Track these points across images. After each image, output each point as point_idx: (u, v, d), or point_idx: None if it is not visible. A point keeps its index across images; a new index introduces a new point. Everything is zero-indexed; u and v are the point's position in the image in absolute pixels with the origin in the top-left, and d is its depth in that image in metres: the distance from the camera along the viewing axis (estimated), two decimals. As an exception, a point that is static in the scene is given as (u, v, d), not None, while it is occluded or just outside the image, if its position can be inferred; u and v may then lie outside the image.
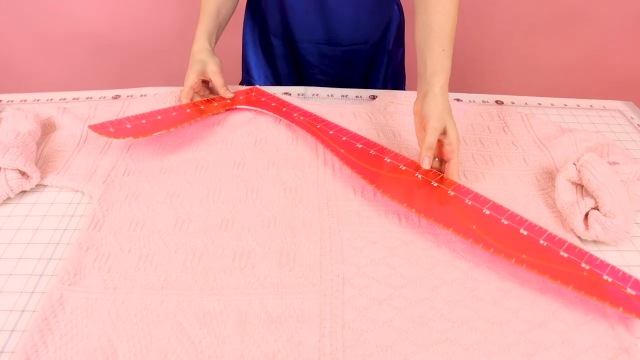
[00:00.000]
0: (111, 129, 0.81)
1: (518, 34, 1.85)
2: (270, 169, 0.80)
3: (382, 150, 0.81)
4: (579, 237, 0.71)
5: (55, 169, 0.79)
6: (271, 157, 0.82)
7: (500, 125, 0.93)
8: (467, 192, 0.73)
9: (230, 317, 0.58)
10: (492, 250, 0.64)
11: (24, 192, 0.77)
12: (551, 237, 0.66)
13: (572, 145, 0.85)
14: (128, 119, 0.84)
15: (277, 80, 1.18)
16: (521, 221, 0.68)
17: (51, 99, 1.00)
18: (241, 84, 1.20)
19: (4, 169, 0.73)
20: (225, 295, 0.61)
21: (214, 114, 0.91)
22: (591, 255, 0.64)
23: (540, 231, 0.67)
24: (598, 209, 0.71)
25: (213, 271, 0.64)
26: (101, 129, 0.81)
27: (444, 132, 0.76)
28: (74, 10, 1.79)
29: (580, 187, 0.75)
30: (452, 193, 0.73)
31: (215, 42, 0.98)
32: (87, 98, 1.00)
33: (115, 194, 0.75)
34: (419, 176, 0.76)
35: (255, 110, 0.94)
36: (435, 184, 0.74)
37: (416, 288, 0.63)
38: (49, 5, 1.78)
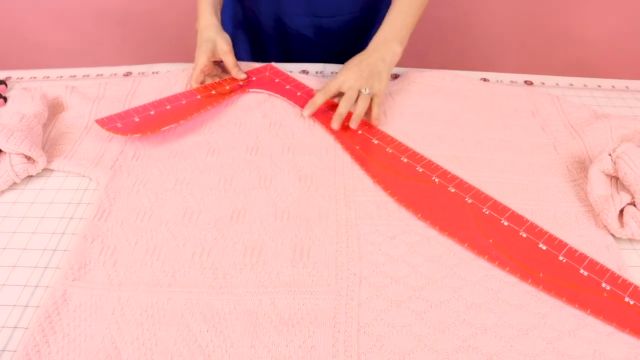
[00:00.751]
0: (118, 124, 0.77)
1: (540, 7, 1.76)
2: (285, 154, 0.76)
3: (399, 147, 0.78)
4: (613, 235, 0.66)
5: (62, 153, 0.76)
6: (286, 142, 0.78)
7: (529, 109, 0.87)
8: (486, 199, 0.69)
9: (239, 318, 0.56)
10: (507, 269, 0.61)
11: (30, 176, 0.74)
12: (571, 253, 0.62)
13: (606, 132, 0.80)
14: (136, 110, 0.81)
15: (265, 57, 1.12)
16: (541, 233, 0.65)
17: (61, 76, 0.97)
18: None
19: (9, 153, 0.71)
20: (234, 294, 0.58)
21: (225, 100, 0.86)
22: (613, 273, 0.60)
23: (560, 245, 0.63)
24: (634, 205, 0.66)
25: (222, 267, 0.60)
26: (108, 124, 0.77)
27: None
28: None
29: (616, 179, 0.70)
30: (470, 201, 0.69)
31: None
32: (97, 75, 0.97)
33: (122, 181, 0.72)
34: (436, 180, 0.72)
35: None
36: (453, 190, 0.71)
37: (437, 289, 0.59)
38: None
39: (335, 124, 0.79)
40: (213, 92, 0.86)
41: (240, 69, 0.90)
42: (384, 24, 0.87)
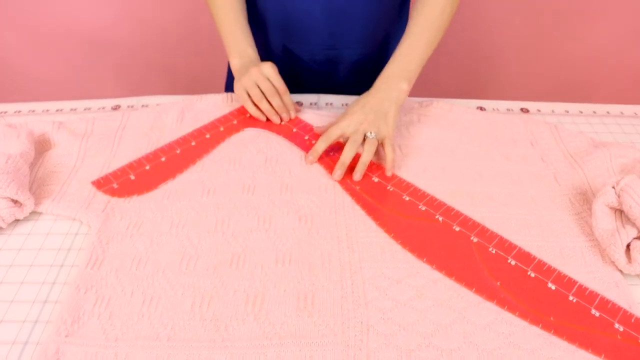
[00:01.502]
0: (115, 185, 0.74)
1: (531, 29, 1.78)
2: (284, 193, 0.74)
3: (400, 184, 0.76)
4: (621, 271, 0.65)
5: (50, 194, 0.73)
6: (284, 180, 0.76)
7: (527, 138, 0.86)
8: (491, 237, 0.68)
9: (244, 375, 0.53)
10: (517, 313, 0.59)
11: (17, 221, 0.71)
12: (581, 291, 0.61)
13: (606, 162, 0.79)
14: (130, 166, 0.77)
15: None
16: (549, 272, 0.64)
17: (47, 110, 0.94)
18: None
19: (-6, 197, 0.67)
20: (238, 347, 0.55)
21: (220, 143, 0.83)
22: (625, 312, 0.59)
23: (570, 283, 0.62)
24: (641, 239, 0.65)
25: (224, 318, 0.58)
26: (105, 185, 0.74)
27: None
28: (74, 8, 1.71)
29: (620, 212, 0.69)
30: (476, 239, 0.68)
31: None
32: (85, 109, 0.94)
33: (115, 225, 0.69)
34: (440, 218, 0.71)
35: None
36: (458, 229, 0.69)
37: (447, 336, 0.57)
38: (48, 3, 1.69)
39: (338, 173, 0.75)
40: (207, 135, 0.84)
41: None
42: (391, 59, 0.84)
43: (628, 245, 0.65)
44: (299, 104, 0.95)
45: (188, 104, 0.90)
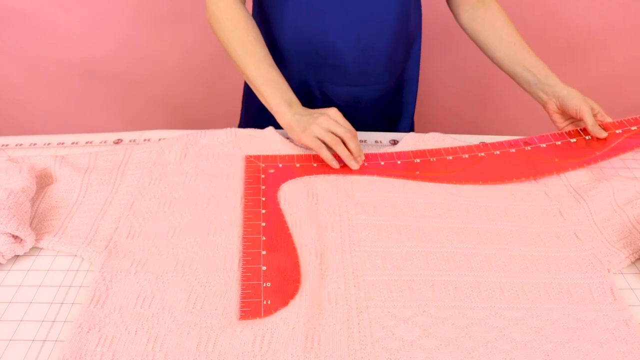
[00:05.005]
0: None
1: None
2: (292, 229, 0.73)
3: (439, 152, 0.89)
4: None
5: (51, 230, 0.72)
6: (292, 216, 0.75)
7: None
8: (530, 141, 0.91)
9: (252, 420, 0.52)
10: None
11: (16, 256, 0.70)
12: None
13: (609, 196, 0.79)
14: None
15: None
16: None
17: (48, 143, 0.93)
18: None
19: (-5, 233, 0.67)
20: (245, 390, 0.54)
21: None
22: None
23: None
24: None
25: (230, 358, 0.56)
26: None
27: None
28: (74, 40, 1.72)
29: None
30: (513, 150, 0.89)
31: None
32: (86, 142, 0.93)
33: (119, 262, 0.67)
34: (482, 154, 0.89)
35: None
36: (498, 152, 0.89)
37: (456, 377, 0.56)
38: (49, 36, 1.71)
39: None
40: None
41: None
42: (532, 70, 1.00)
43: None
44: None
45: (192, 139, 0.89)
